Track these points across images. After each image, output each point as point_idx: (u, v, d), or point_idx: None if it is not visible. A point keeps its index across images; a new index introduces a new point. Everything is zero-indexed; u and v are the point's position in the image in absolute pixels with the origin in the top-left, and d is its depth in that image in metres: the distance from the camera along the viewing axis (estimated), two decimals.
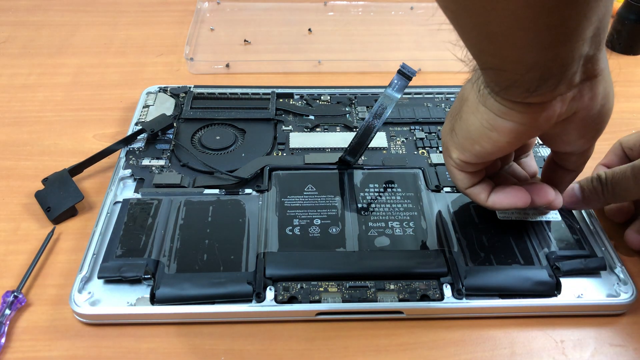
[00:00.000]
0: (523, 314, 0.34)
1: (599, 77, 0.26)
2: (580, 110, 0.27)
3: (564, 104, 0.26)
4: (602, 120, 0.28)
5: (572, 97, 0.26)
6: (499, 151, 0.29)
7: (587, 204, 0.37)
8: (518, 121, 0.27)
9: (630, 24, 0.60)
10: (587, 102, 0.27)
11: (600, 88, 0.27)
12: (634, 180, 0.34)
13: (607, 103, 0.28)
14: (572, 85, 0.26)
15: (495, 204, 0.33)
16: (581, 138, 0.29)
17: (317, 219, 0.37)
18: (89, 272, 0.34)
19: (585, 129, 0.28)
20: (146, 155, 0.43)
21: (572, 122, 0.28)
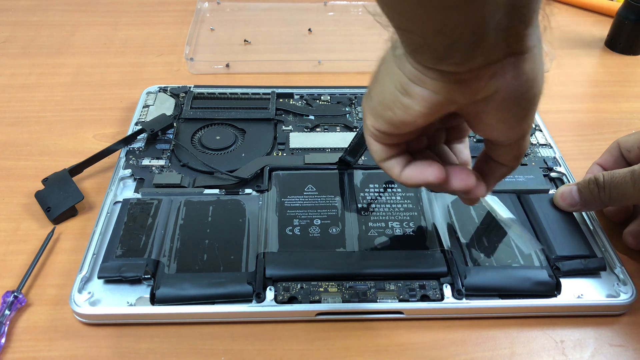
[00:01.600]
0: (523, 314, 0.34)
1: (525, 55, 0.24)
2: (501, 89, 0.24)
3: (481, 79, 0.24)
4: (527, 105, 0.26)
5: (492, 73, 0.24)
6: (413, 122, 0.26)
7: (585, 207, 0.37)
8: (431, 89, 0.24)
9: (630, 24, 0.60)
10: (509, 80, 0.24)
11: (526, 67, 0.24)
12: (633, 186, 0.34)
13: (533, 87, 0.25)
14: (491, 60, 0.23)
15: (408, 178, 0.29)
16: (503, 123, 0.27)
17: (317, 219, 0.37)
18: (89, 272, 0.34)
19: (507, 112, 0.26)
20: (146, 155, 0.43)
21: (492, 101, 0.25)
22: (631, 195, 0.34)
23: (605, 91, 0.56)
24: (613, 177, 0.35)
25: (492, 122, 0.27)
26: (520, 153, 0.29)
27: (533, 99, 0.26)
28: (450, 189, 0.30)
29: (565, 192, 0.38)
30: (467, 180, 0.29)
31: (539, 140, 0.46)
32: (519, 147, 0.29)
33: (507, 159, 0.29)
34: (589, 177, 0.37)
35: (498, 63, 0.24)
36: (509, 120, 0.26)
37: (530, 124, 0.27)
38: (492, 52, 0.23)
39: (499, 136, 0.28)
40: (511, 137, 0.28)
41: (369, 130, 0.29)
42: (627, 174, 0.34)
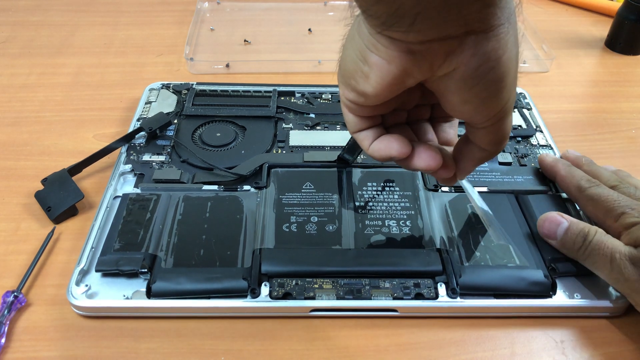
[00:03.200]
0: (518, 314, 0.34)
1: (488, 34, 0.23)
2: (460, 67, 0.24)
3: (437, 54, 0.23)
4: (491, 87, 0.25)
5: (449, 49, 0.23)
6: (374, 92, 0.26)
7: (561, 247, 0.35)
8: (385, 58, 0.24)
9: (630, 24, 0.60)
10: (468, 59, 0.23)
11: (488, 46, 0.23)
12: (610, 270, 0.32)
13: (497, 68, 0.24)
14: (446, 35, 0.23)
15: (375, 151, 0.29)
16: (467, 103, 0.26)
17: (314, 217, 0.37)
18: (87, 265, 0.35)
19: (469, 92, 0.25)
20: (147, 151, 0.44)
21: (452, 79, 0.25)
22: (604, 275, 0.33)
23: (605, 91, 0.56)
24: (600, 245, 0.33)
25: (456, 102, 0.26)
26: (498, 139, 0.28)
27: (498, 82, 0.25)
28: (412, 167, 0.29)
29: (551, 223, 0.35)
30: (430, 161, 0.29)
31: (539, 141, 0.46)
32: (495, 132, 0.28)
33: (484, 143, 0.29)
34: (582, 227, 0.34)
35: (455, 39, 0.23)
36: (472, 100, 0.26)
37: (502, 107, 0.26)
38: (444, 27, 0.22)
39: (467, 117, 0.27)
40: (479, 119, 0.27)
41: (342, 100, 0.29)
42: (608, 256, 0.32)
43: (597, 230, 0.34)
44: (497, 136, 0.28)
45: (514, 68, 0.25)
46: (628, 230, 0.33)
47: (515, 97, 0.27)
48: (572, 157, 0.41)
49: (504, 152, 0.44)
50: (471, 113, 0.27)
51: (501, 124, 0.27)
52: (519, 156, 0.44)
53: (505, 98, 0.26)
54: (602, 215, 0.35)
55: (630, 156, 0.47)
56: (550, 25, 0.67)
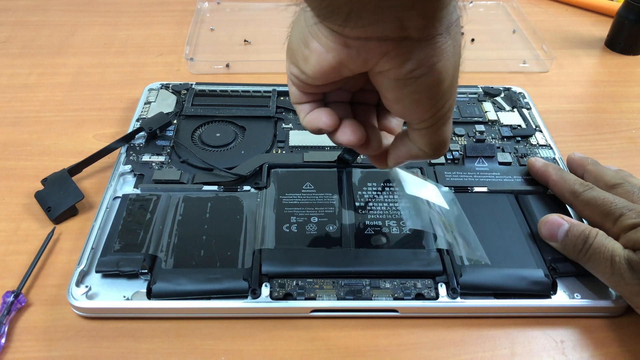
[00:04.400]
0: (518, 314, 0.34)
1: (424, 42, 0.24)
2: (393, 69, 0.25)
3: (372, 52, 0.24)
4: (423, 91, 0.25)
5: (384, 50, 0.24)
6: (313, 75, 0.27)
7: (562, 249, 0.35)
8: (324, 46, 0.25)
9: (630, 24, 0.60)
10: (402, 62, 0.24)
11: (422, 53, 0.24)
12: (611, 275, 0.32)
13: (430, 74, 0.25)
14: (381, 36, 0.23)
15: (307, 122, 0.30)
16: (399, 103, 0.27)
17: (315, 217, 0.37)
18: (87, 265, 0.35)
19: (401, 92, 0.26)
20: (146, 151, 0.44)
21: (386, 78, 0.26)
22: (605, 278, 0.33)
23: (605, 91, 0.56)
24: (600, 248, 0.33)
25: (390, 99, 0.27)
26: (433, 143, 0.29)
27: (430, 87, 0.25)
28: (336, 140, 0.30)
29: (552, 225, 0.36)
30: (351, 136, 0.30)
31: (539, 141, 0.46)
32: (429, 136, 0.28)
33: (419, 143, 0.29)
34: (583, 229, 0.34)
35: (391, 42, 0.24)
36: (404, 101, 0.26)
37: (435, 113, 0.27)
38: (380, 28, 0.23)
39: (400, 116, 0.28)
40: (412, 120, 0.28)
41: (287, 73, 0.30)
42: (608, 259, 0.32)
43: (598, 233, 0.34)
44: (432, 141, 0.29)
45: (450, 77, 0.26)
46: (626, 233, 0.33)
47: (454, 105, 0.28)
48: (577, 159, 0.41)
49: (503, 152, 0.44)
50: (404, 112, 0.27)
51: (436, 129, 0.28)
52: (519, 156, 0.44)
53: (439, 105, 0.27)
54: (600, 219, 0.35)
55: (630, 156, 0.47)
56: (550, 25, 0.67)
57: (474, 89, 0.52)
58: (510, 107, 0.50)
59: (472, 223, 0.38)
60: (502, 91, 0.52)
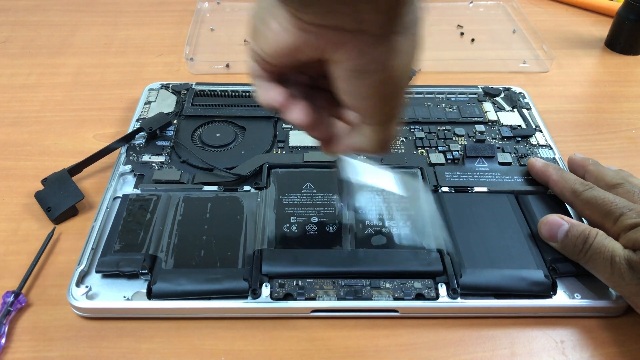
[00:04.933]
0: (519, 314, 0.34)
1: (381, 38, 0.24)
2: (345, 60, 0.25)
3: (326, 40, 0.24)
4: (372, 87, 0.26)
5: (338, 40, 0.24)
6: (270, 54, 0.27)
7: (562, 250, 0.35)
8: (282, 26, 0.25)
9: (630, 24, 0.60)
10: (356, 54, 0.24)
11: (377, 50, 0.24)
12: (611, 274, 0.32)
13: (382, 71, 0.25)
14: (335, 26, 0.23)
15: (257, 97, 0.30)
16: (348, 94, 0.27)
17: (315, 217, 0.37)
18: (87, 266, 0.35)
19: (351, 84, 0.26)
20: (146, 152, 0.44)
21: (338, 68, 0.26)
22: (605, 278, 0.33)
23: (605, 91, 0.56)
24: (600, 248, 0.33)
25: (342, 90, 0.27)
26: (381, 139, 0.29)
27: (381, 84, 0.26)
28: (286, 119, 0.30)
29: (552, 226, 0.36)
30: (300, 117, 0.30)
31: (539, 141, 0.46)
32: (378, 132, 0.29)
33: (367, 137, 0.29)
34: (582, 229, 0.34)
35: (348, 33, 0.24)
36: (355, 94, 0.27)
37: (383, 110, 0.27)
38: (337, 18, 0.23)
39: (350, 108, 0.28)
40: (363, 114, 0.28)
41: (248, 46, 0.29)
42: (608, 259, 0.32)
43: (598, 233, 0.34)
44: (379, 137, 0.29)
45: (403, 77, 0.26)
46: (626, 233, 0.33)
47: (401, 108, 0.28)
48: (578, 160, 0.41)
49: (503, 152, 0.44)
50: (354, 105, 0.28)
51: (384, 126, 0.28)
52: (519, 156, 0.44)
53: (389, 103, 0.27)
54: (600, 218, 0.35)
55: (630, 156, 0.47)
56: (550, 25, 0.67)
57: (474, 89, 0.52)
58: (510, 107, 0.50)
59: (473, 223, 0.38)
60: (502, 91, 0.52)
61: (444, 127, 0.47)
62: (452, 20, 0.67)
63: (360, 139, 0.30)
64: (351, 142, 0.31)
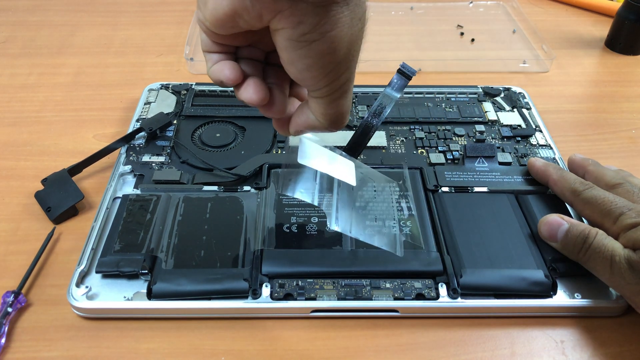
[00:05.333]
0: (519, 314, 0.34)
1: (320, 7, 0.24)
2: (286, 27, 0.25)
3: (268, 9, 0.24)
4: (314, 56, 0.25)
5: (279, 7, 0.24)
6: (211, 21, 0.26)
7: (562, 249, 0.35)
8: None
9: (630, 24, 0.60)
10: (295, 23, 0.24)
11: (316, 19, 0.24)
12: (610, 274, 0.32)
13: (322, 41, 0.25)
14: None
15: (210, 73, 0.30)
16: (292, 64, 0.27)
17: (315, 217, 0.37)
18: (87, 266, 0.35)
19: (293, 54, 0.26)
20: (146, 152, 0.44)
21: (282, 37, 0.25)
22: (605, 278, 0.33)
23: (605, 91, 0.56)
24: (600, 247, 0.33)
25: (286, 60, 0.27)
26: (331, 114, 0.29)
27: (323, 55, 0.25)
28: (239, 97, 0.30)
29: (552, 226, 0.36)
30: (252, 95, 0.29)
31: (539, 141, 0.46)
32: (326, 106, 0.28)
33: (316, 113, 0.29)
34: (582, 229, 0.34)
35: (285, 1, 0.24)
36: (297, 64, 0.26)
37: (329, 83, 0.27)
38: None
39: (296, 79, 0.28)
40: (308, 85, 0.27)
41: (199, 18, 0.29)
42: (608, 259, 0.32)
43: (598, 232, 0.34)
44: (328, 112, 0.29)
45: (345, 49, 0.26)
46: (625, 232, 0.33)
47: (351, 80, 0.28)
48: (578, 160, 0.41)
49: (503, 152, 0.44)
50: (297, 76, 0.27)
51: (331, 100, 0.28)
52: (519, 156, 0.44)
53: (333, 75, 0.27)
54: (600, 218, 0.35)
55: (630, 156, 0.47)
56: (550, 25, 0.67)
57: (474, 89, 0.52)
58: (510, 107, 0.50)
59: (473, 223, 0.38)
60: (502, 91, 0.52)
61: (444, 127, 0.47)
62: (452, 20, 0.67)
63: (309, 115, 0.30)
64: (301, 118, 0.31)
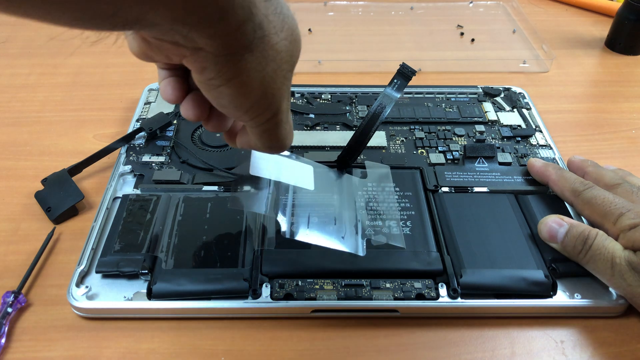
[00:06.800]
0: (519, 314, 0.34)
1: (219, 57, 0.23)
2: (194, 72, 0.25)
3: (172, 53, 0.24)
4: (224, 99, 0.26)
5: (183, 53, 0.24)
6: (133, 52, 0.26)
7: (562, 251, 0.35)
8: (130, 34, 0.25)
9: (630, 24, 0.60)
10: (199, 69, 0.24)
11: (217, 67, 0.24)
12: (611, 276, 0.32)
13: (226, 86, 0.25)
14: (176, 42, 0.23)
15: (160, 90, 0.30)
16: (211, 100, 0.27)
17: (315, 217, 0.37)
18: (87, 266, 0.35)
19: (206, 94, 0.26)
20: (146, 152, 0.44)
21: (192, 75, 0.26)
22: (606, 279, 0.33)
23: (605, 91, 0.56)
24: (600, 249, 0.33)
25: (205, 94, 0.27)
26: (265, 142, 0.29)
27: (232, 99, 0.25)
28: (182, 113, 0.30)
29: (552, 227, 0.36)
30: (189, 111, 0.29)
31: (539, 141, 0.46)
32: (259, 136, 0.28)
33: (252, 138, 0.29)
34: (582, 230, 0.34)
35: (187, 49, 0.23)
36: (213, 102, 0.26)
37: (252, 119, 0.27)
38: (171, 35, 0.22)
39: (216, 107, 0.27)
40: (231, 114, 0.27)
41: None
42: (609, 260, 0.32)
43: (598, 233, 0.34)
44: (263, 140, 0.29)
45: (257, 91, 0.25)
46: (625, 233, 0.33)
47: (279, 114, 0.27)
48: (577, 162, 0.41)
49: (503, 152, 0.44)
50: (220, 110, 0.27)
51: (263, 131, 0.28)
52: (519, 156, 0.44)
53: (253, 112, 0.26)
54: (600, 218, 0.35)
55: (630, 156, 0.47)
56: (550, 25, 0.67)
57: (474, 89, 0.52)
58: (510, 107, 0.50)
59: (473, 223, 0.38)
60: (502, 91, 0.52)
61: (444, 127, 0.47)
62: (452, 20, 0.67)
63: (248, 138, 0.30)
64: (244, 138, 0.31)
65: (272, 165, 0.37)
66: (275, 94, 0.26)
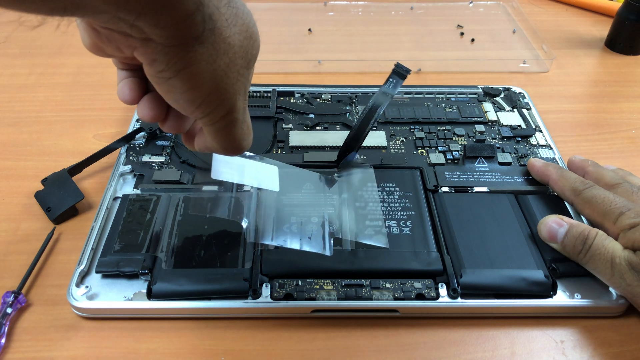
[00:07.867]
0: (519, 314, 0.34)
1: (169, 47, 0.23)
2: (144, 63, 0.24)
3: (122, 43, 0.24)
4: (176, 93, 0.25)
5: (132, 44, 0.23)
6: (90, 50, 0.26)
7: (562, 251, 0.35)
8: (82, 24, 0.25)
9: (630, 24, 0.60)
10: (149, 60, 0.24)
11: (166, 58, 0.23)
12: (611, 275, 0.32)
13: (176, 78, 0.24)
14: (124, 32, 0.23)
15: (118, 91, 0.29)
16: (161, 93, 0.26)
17: (315, 217, 0.37)
18: (87, 266, 0.35)
19: (157, 87, 0.26)
20: (146, 152, 0.44)
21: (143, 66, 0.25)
22: (606, 279, 0.33)
23: (605, 91, 0.56)
24: (600, 248, 0.33)
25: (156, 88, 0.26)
26: (221, 142, 0.28)
27: (183, 92, 0.25)
28: (138, 114, 0.29)
29: (551, 227, 0.36)
30: (144, 112, 0.29)
31: (539, 141, 0.46)
32: (214, 134, 0.28)
33: (208, 138, 0.29)
34: (582, 230, 0.34)
35: (136, 39, 0.23)
36: (165, 96, 0.26)
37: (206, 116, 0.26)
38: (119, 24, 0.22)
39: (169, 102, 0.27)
40: (184, 109, 0.27)
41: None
42: (609, 260, 0.32)
43: (598, 233, 0.34)
44: (218, 139, 0.28)
45: (209, 84, 0.25)
46: (625, 233, 0.33)
47: (234, 112, 0.27)
48: (577, 162, 0.41)
49: (503, 152, 0.44)
50: (173, 105, 0.27)
51: (218, 130, 0.28)
52: (519, 156, 0.44)
53: (205, 108, 0.26)
54: (600, 218, 0.35)
55: (630, 156, 0.47)
56: (550, 25, 0.67)
57: (474, 89, 0.52)
58: (510, 107, 0.50)
59: (473, 223, 0.38)
60: (502, 91, 0.52)
61: (444, 127, 0.47)
62: (452, 20, 0.67)
63: (204, 139, 0.29)
64: (201, 140, 0.30)
65: (235, 167, 0.36)
66: (229, 89, 0.26)
